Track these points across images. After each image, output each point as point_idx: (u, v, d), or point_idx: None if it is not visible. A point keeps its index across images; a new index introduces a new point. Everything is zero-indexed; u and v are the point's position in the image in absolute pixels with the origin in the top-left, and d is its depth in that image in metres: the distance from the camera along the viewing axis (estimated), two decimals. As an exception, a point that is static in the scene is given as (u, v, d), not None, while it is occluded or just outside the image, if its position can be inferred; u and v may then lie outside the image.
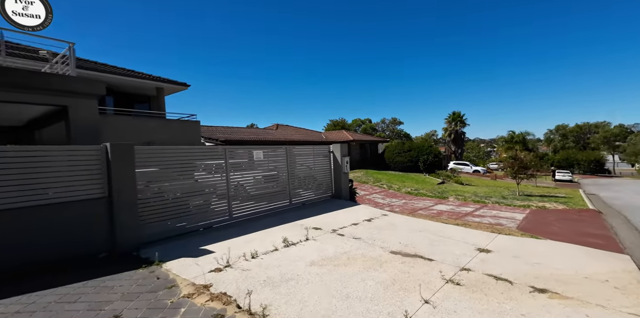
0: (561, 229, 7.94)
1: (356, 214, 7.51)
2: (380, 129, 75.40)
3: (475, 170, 38.79)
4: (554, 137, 71.36)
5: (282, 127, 26.37)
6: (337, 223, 6.45)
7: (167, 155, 5.35)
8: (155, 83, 12.31)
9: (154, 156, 5.15)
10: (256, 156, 6.84)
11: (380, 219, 7.16)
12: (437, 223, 7.19)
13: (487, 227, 7.57)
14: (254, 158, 6.82)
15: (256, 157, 6.84)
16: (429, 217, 8.63)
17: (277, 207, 7.42)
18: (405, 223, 6.87)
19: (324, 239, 5.29)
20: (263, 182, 7.27)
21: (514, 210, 10.77)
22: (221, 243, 4.85)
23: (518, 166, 16.70)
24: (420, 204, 11.84)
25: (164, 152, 5.31)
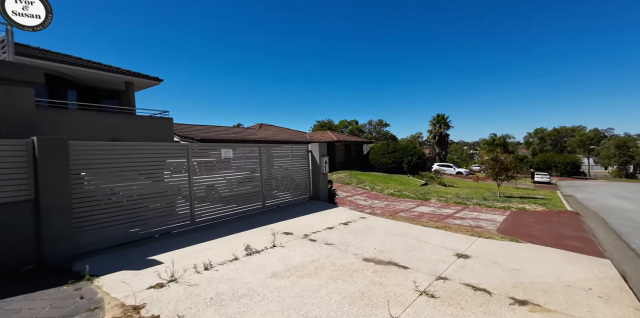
0: (541, 231, 7.81)
1: (333, 217, 7.11)
2: (367, 131, 75.64)
3: (459, 172, 39.29)
4: (533, 140, 73.58)
5: (265, 126, 25.75)
6: (311, 228, 6.03)
7: (119, 153, 4.79)
8: (123, 77, 11.56)
9: (101, 153, 4.59)
10: (224, 155, 6.33)
11: (357, 222, 6.79)
12: (417, 227, 6.89)
13: (467, 229, 7.33)
14: (222, 156, 6.31)
15: (224, 155, 6.33)
16: (409, 220, 8.34)
17: (249, 210, 6.93)
18: (384, 227, 6.53)
19: (292, 245, 4.85)
20: (234, 183, 6.78)
21: (495, 212, 10.65)
22: (174, 252, 4.34)
23: (499, 168, 16.76)
24: (402, 206, 11.58)
25: (115, 149, 4.75)
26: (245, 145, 7.05)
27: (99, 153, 4.56)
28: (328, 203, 8.69)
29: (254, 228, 5.67)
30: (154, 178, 5.24)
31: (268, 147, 7.89)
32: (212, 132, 18.03)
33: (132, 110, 11.51)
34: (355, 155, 26.40)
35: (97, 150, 4.55)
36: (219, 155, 6.40)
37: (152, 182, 5.18)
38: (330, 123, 61.90)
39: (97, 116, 10.08)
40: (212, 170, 6.52)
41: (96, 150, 4.50)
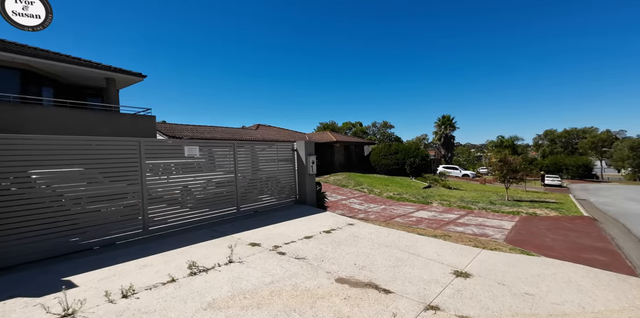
0: (556, 241, 6.84)
1: (316, 224, 6.26)
2: (372, 132, 74.69)
3: (465, 174, 38.04)
4: (543, 142, 71.70)
5: (263, 127, 25.05)
6: (286, 237, 5.19)
7: (52, 148, 4.04)
8: (104, 72, 10.92)
9: (27, 147, 3.83)
10: (188, 152, 5.54)
11: (343, 230, 5.93)
12: (411, 235, 5.99)
13: (470, 239, 6.41)
14: (185, 154, 5.51)
15: (188, 153, 5.54)
16: (405, 227, 7.44)
17: (219, 216, 6.12)
18: (372, 236, 5.65)
19: (254, 261, 4.01)
20: (202, 186, 5.98)
21: (502, 218, 9.68)
22: (103, 270, 3.54)
23: (507, 169, 15.73)
24: (400, 210, 10.67)
25: (46, 143, 3.99)
26: (217, 142, 6.25)
27: (24, 146, 3.81)
28: (314, 207, 7.83)
29: (216, 239, 4.85)
30: (99, 179, 4.47)
31: (245, 145, 7.08)
32: (204, 132, 17.37)
33: (110, 108, 10.86)
34: (356, 156, 25.50)
35: (16, 143, 3.80)
36: (190, 154, 5.61)
37: (96, 182, 4.42)
38: (333, 125, 61.14)
39: (71, 113, 9.44)
40: (187, 170, 5.76)
41: (12, 143, 3.75)
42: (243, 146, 6.89)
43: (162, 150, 5.35)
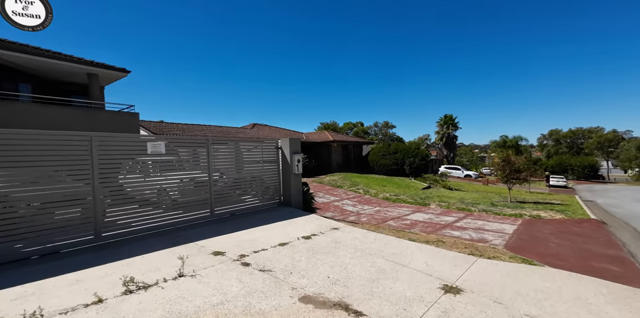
0: (562, 248, 6.23)
1: (296, 229, 5.71)
2: (373, 133, 74.03)
3: (467, 175, 37.29)
4: (548, 142, 70.57)
5: (259, 126, 24.55)
6: (257, 244, 4.64)
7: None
8: (85, 67, 10.46)
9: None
10: (152, 149, 5.00)
11: (325, 235, 5.37)
12: (401, 241, 5.41)
13: (466, 245, 5.82)
14: (149, 151, 4.98)
15: (152, 150, 5.00)
16: (397, 231, 6.87)
17: (189, 219, 5.58)
18: (356, 242, 5.09)
19: (209, 275, 3.47)
20: (171, 186, 5.45)
21: (504, 221, 9.06)
22: (22, 287, 3.01)
23: (510, 169, 15.07)
24: (395, 212, 10.08)
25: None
26: (188, 138, 5.71)
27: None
28: (299, 210, 7.27)
29: (176, 246, 4.31)
30: (44, 178, 3.96)
31: (221, 142, 6.55)
32: (196, 130, 16.89)
33: (89, 104, 10.38)
34: (354, 156, 24.91)
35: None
36: (154, 150, 5.07)
37: (42, 181, 3.90)
38: (334, 125, 60.56)
39: (46, 109, 8.97)
40: (154, 169, 5.25)
41: None
42: (219, 143, 6.35)
43: (123, 147, 4.82)
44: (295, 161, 7.49)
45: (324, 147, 22.48)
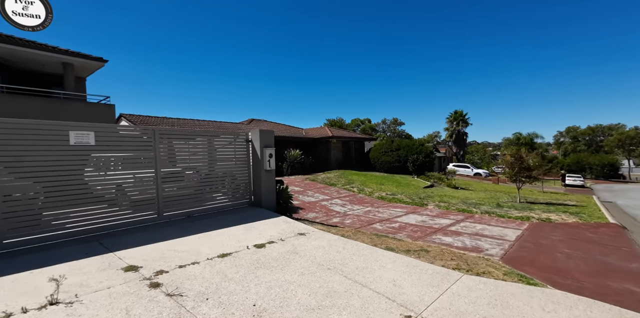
0: (572, 260, 5.22)
1: (254, 234, 4.91)
2: (381, 130, 72.62)
3: (477, 173, 35.80)
4: (565, 139, 67.62)
5: (257, 121, 23.84)
6: (191, 256, 3.85)
7: None
8: (59, 56, 9.89)
9: None
10: (76, 140, 4.26)
11: (284, 243, 4.55)
12: (374, 250, 4.54)
13: (454, 255, 4.89)
14: (71, 142, 4.24)
15: (76, 141, 4.26)
16: (378, 236, 5.98)
17: (128, 222, 4.84)
18: (319, 252, 4.25)
19: (93, 301, 2.68)
20: (104, 184, 4.71)
21: (507, 225, 8.03)
22: None
23: (519, 167, 13.87)
24: (386, 214, 9.16)
25: None
26: (127, 128, 4.96)
27: None
28: (269, 211, 6.45)
29: (88, 258, 3.57)
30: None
31: (175, 134, 5.78)
32: (186, 126, 16.29)
33: (59, 94, 9.82)
34: (355, 153, 23.93)
35: None
36: (79, 141, 4.34)
37: None
38: (341, 121, 59.48)
39: (14, 100, 8.43)
40: (83, 163, 4.56)
41: None
42: (171, 134, 5.58)
43: (38, 136, 4.07)
44: (267, 156, 6.67)
45: (322, 144, 21.60)
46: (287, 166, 17.29)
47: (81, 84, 12.03)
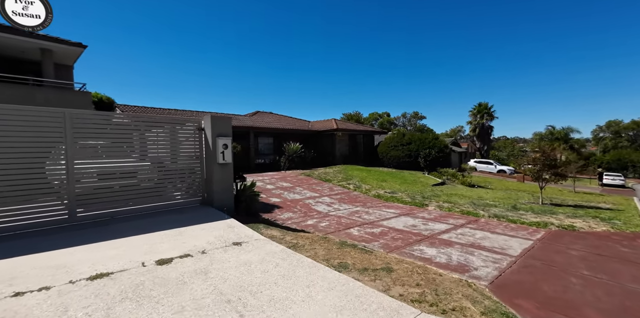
0: (591, 289, 3.87)
1: (173, 243, 4.02)
2: (401, 124, 70.09)
3: (500, 170, 33.23)
4: (605, 134, 61.77)
5: (262, 114, 23.06)
6: (58, 275, 3.01)
7: None
8: (36, 41, 9.43)
9: None
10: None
11: (201, 258, 3.62)
12: (316, 270, 3.49)
13: (424, 278, 3.73)
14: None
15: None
16: (340, 247, 4.90)
17: (26, 224, 4.09)
18: (237, 271, 3.27)
19: None
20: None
21: (516, 232, 6.64)
22: None
23: (542, 163, 12.09)
24: (374, 215, 8.01)
25: None
26: (29, 110, 4.16)
27: None
28: (220, 211, 5.52)
29: None
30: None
31: (98, 118, 4.95)
32: (185, 116, 15.75)
33: (27, 81, 9.40)
34: (363, 147, 22.58)
35: None
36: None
37: None
38: (358, 115, 57.78)
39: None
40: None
41: None
42: (91, 119, 4.75)
43: None
44: (220, 147, 5.73)
45: (326, 137, 20.47)
46: (285, 160, 16.39)
47: (67, 72, 11.72)
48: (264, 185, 11.06)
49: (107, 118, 5.17)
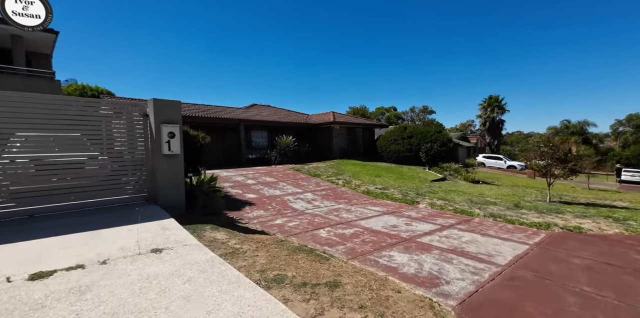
0: (591, 310, 3.04)
1: (79, 250, 3.39)
2: (409, 118, 68.44)
3: (511, 166, 31.80)
4: (625, 129, 58.67)
5: (259, 107, 22.38)
6: None
7: None
8: (4, 27, 8.99)
9: None
10: None
11: (93, 270, 2.97)
12: (228, 289, 2.78)
13: (374, 296, 2.96)
14: None
15: None
16: (292, 252, 4.19)
17: None
18: (122, 290, 2.60)
19: None
20: None
21: (512, 234, 5.78)
22: None
23: (550, 157, 11.04)
24: (354, 214, 7.25)
25: None
26: None
27: None
28: (165, 210, 4.88)
29: None
30: None
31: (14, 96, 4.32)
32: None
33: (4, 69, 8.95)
34: (363, 141, 21.67)
35: None
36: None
37: None
38: (363, 109, 56.47)
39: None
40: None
41: None
42: (10, 97, 4.12)
43: None
44: (165, 136, 5.06)
45: (323, 130, 19.65)
46: (277, 155, 15.69)
47: (46, 61, 11.33)
48: (245, 180, 10.40)
49: (28, 98, 4.53)
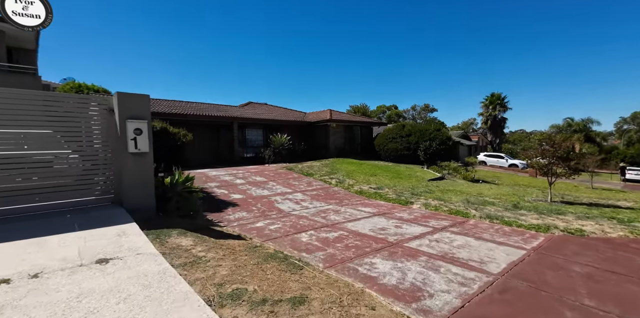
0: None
1: (13, 261, 3.03)
2: (410, 117, 67.92)
3: (512, 164, 31.29)
4: (629, 127, 57.92)
5: (255, 105, 22.01)
6: None
7: None
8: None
9: None
10: None
11: (10, 288, 2.60)
12: (169, 310, 2.40)
13: (345, 315, 2.59)
14: None
15: None
16: (262, 260, 3.82)
17: None
18: (35, 314, 2.23)
19: None
20: None
21: (508, 238, 5.38)
22: None
23: (552, 156, 10.60)
24: (343, 216, 6.87)
25: None
26: None
27: None
28: (129, 213, 4.51)
29: None
30: None
31: None
32: (164, 107, 14.90)
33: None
34: (360, 140, 21.25)
35: None
36: None
37: None
38: (364, 108, 55.99)
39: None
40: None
41: None
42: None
43: None
44: (130, 132, 4.69)
45: (320, 128, 19.26)
46: (270, 153, 15.32)
47: (30, 57, 11.09)
48: (233, 180, 10.04)
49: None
